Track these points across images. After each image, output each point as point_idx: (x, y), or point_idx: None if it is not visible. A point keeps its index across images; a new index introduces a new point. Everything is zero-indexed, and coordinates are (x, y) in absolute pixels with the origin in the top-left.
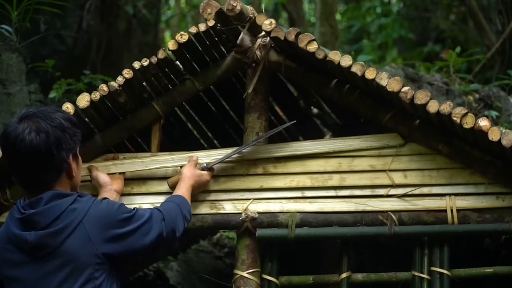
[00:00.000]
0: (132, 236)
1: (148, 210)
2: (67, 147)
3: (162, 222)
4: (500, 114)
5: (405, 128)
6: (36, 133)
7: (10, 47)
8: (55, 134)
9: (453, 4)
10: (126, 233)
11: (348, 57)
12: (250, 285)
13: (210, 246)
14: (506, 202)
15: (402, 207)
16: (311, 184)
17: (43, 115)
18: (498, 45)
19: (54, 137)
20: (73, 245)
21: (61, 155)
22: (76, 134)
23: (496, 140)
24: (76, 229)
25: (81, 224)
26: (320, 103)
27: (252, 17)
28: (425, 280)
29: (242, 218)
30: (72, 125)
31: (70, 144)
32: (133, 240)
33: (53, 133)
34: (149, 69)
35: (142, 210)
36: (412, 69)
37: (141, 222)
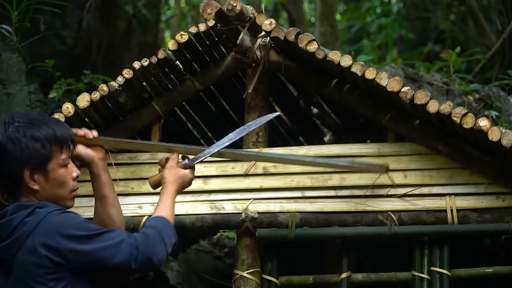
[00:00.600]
0: (92, 254)
1: (123, 235)
2: (17, 161)
3: (133, 252)
4: (500, 114)
5: (405, 128)
6: (4, 139)
7: (10, 47)
8: (7, 146)
9: (453, 4)
10: (83, 249)
11: (348, 57)
12: (250, 285)
13: (210, 246)
14: (506, 202)
15: (402, 207)
16: (311, 184)
17: (12, 124)
18: (498, 45)
19: (5, 149)
20: (23, 258)
21: (10, 166)
22: (37, 149)
23: (496, 140)
24: (25, 242)
25: (30, 237)
26: (320, 103)
27: (252, 17)
28: (425, 280)
29: (242, 218)
30: (34, 141)
31: (22, 158)
32: (92, 257)
33: (5, 145)
34: (149, 69)
35: (118, 233)
36: (412, 69)
37: (105, 245)
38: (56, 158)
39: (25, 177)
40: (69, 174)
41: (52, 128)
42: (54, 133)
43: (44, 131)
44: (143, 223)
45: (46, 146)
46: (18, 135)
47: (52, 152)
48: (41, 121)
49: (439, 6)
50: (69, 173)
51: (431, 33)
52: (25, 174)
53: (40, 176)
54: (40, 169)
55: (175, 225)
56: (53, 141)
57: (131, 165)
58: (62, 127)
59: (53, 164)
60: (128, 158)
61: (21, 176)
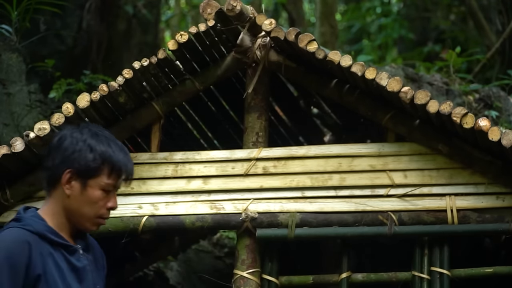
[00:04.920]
0: None
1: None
2: (64, 159)
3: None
4: (500, 114)
5: (405, 128)
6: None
7: (10, 47)
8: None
9: (453, 4)
10: None
11: (348, 57)
12: (250, 285)
13: (210, 246)
14: (506, 202)
15: (402, 207)
16: (311, 184)
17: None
18: (498, 45)
19: (63, 143)
20: None
21: (56, 161)
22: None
23: (496, 140)
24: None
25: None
26: (320, 103)
27: (252, 17)
28: (425, 280)
29: (242, 218)
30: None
31: (71, 158)
32: None
33: (65, 141)
34: (149, 69)
35: None
36: (412, 69)
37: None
38: (100, 178)
39: (63, 176)
40: (104, 200)
41: (112, 150)
42: (111, 155)
43: (103, 147)
44: (143, 223)
45: (97, 161)
46: (79, 138)
47: (99, 170)
48: (107, 139)
49: (439, 6)
50: (105, 200)
51: (431, 33)
52: (64, 174)
53: (78, 184)
54: (80, 178)
55: (175, 225)
56: (106, 161)
57: None
58: (124, 156)
59: (95, 182)
60: None
61: (60, 174)
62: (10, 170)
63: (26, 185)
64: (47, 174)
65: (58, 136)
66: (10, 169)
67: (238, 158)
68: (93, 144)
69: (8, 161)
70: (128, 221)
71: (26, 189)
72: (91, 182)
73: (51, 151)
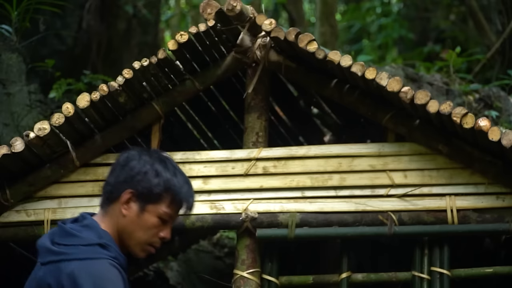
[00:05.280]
0: None
1: None
2: (129, 179)
3: None
4: (500, 114)
5: (405, 128)
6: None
7: (10, 47)
8: (132, 160)
9: (453, 4)
10: None
11: (348, 57)
12: (250, 285)
13: (210, 246)
14: (506, 202)
15: (402, 207)
16: (311, 184)
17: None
18: (498, 45)
19: (131, 162)
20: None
21: (120, 179)
22: (154, 187)
23: (496, 140)
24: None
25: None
26: (320, 103)
27: (252, 17)
28: (425, 280)
29: (242, 218)
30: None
31: (135, 179)
32: None
33: (131, 159)
34: (149, 69)
35: None
36: (412, 69)
37: None
38: (159, 205)
39: (123, 195)
40: (158, 228)
41: (177, 180)
42: (176, 185)
43: (169, 175)
44: None
45: (161, 187)
46: (147, 161)
47: (161, 197)
48: (174, 168)
49: (439, 6)
50: (160, 229)
51: (431, 33)
52: (125, 193)
53: (136, 206)
54: (140, 201)
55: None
56: (169, 190)
57: None
58: (188, 189)
59: (153, 208)
60: None
61: (121, 192)
62: (10, 170)
63: (26, 185)
64: (108, 190)
65: (125, 155)
66: (10, 169)
67: (238, 158)
68: (160, 170)
69: (8, 161)
70: None
71: (26, 189)
72: (150, 207)
73: (116, 168)
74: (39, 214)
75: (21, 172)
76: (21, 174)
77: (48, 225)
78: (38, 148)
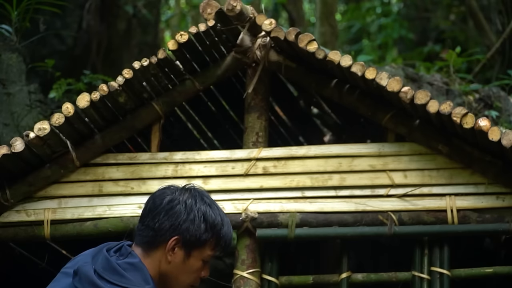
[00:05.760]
0: None
1: None
2: (175, 224)
3: None
4: (500, 114)
5: (405, 128)
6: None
7: (10, 47)
8: (178, 205)
9: (453, 4)
10: None
11: (348, 57)
12: (250, 285)
13: None
14: (506, 202)
15: (402, 207)
16: (311, 184)
17: (195, 192)
18: (498, 45)
19: (174, 206)
20: None
21: (165, 224)
22: (199, 230)
23: (496, 140)
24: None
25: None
26: (320, 103)
27: (252, 17)
28: (425, 280)
29: (242, 218)
30: (204, 221)
31: (183, 226)
32: None
33: (177, 204)
34: (149, 69)
35: None
36: (412, 69)
37: None
38: (205, 250)
39: (169, 243)
40: (201, 270)
41: (222, 223)
42: (221, 228)
43: (216, 219)
44: None
45: (208, 233)
46: (193, 205)
47: (207, 242)
48: (218, 209)
49: (439, 6)
50: (201, 270)
51: (431, 33)
52: (171, 241)
53: (181, 253)
54: (186, 247)
55: None
56: (215, 234)
57: (131, 165)
58: (229, 229)
59: (199, 253)
60: (128, 158)
61: (167, 240)
62: (10, 170)
63: (26, 185)
64: (150, 235)
65: (168, 198)
66: (10, 169)
67: (238, 158)
68: (207, 215)
69: (8, 161)
70: (128, 221)
71: (26, 189)
72: (196, 253)
73: (159, 212)
74: (39, 214)
75: (21, 172)
76: (21, 174)
77: (48, 225)
78: (38, 148)
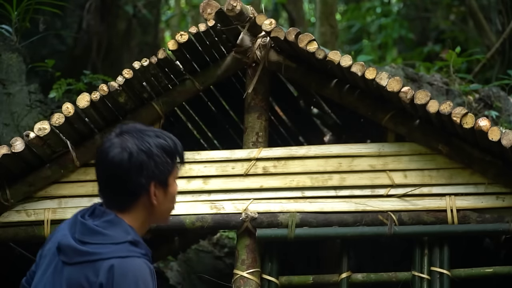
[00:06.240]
0: None
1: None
2: (148, 174)
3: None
4: (500, 114)
5: (405, 128)
6: (120, 150)
7: (10, 47)
8: (139, 157)
9: (453, 4)
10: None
11: (348, 57)
12: (250, 285)
13: (210, 246)
14: (506, 202)
15: (402, 207)
16: (311, 184)
17: (138, 135)
18: (498, 45)
19: (136, 160)
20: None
21: (140, 181)
22: (166, 163)
23: (496, 140)
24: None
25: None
26: (320, 103)
27: (252, 17)
28: (425, 280)
29: (242, 218)
30: (164, 153)
31: (154, 172)
32: None
33: (137, 156)
34: (149, 69)
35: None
36: (412, 69)
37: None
38: (175, 172)
39: (150, 193)
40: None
41: (172, 139)
42: (176, 145)
43: (169, 143)
44: None
45: (172, 158)
46: (149, 146)
47: (174, 165)
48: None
49: (439, 6)
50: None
51: (431, 33)
52: (151, 190)
53: (161, 190)
54: (163, 184)
55: (175, 225)
56: (175, 154)
57: None
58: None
59: (172, 179)
60: None
61: (147, 190)
62: (10, 170)
63: (26, 185)
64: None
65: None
66: (10, 169)
67: (238, 158)
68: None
69: (8, 161)
70: None
71: (26, 189)
72: (170, 180)
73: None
74: (39, 214)
75: (21, 172)
76: (21, 174)
77: (48, 225)
78: (38, 148)
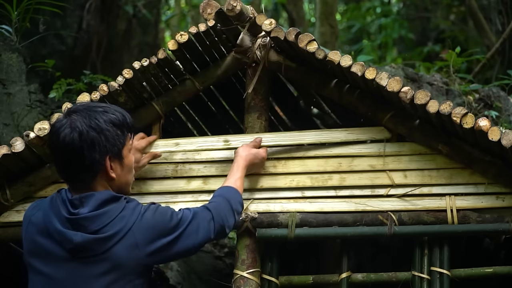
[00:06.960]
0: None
1: (193, 210)
2: (101, 149)
3: (210, 223)
4: (500, 114)
5: (405, 128)
6: (70, 130)
7: (10, 47)
8: (89, 135)
9: (453, 4)
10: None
11: (348, 57)
12: (250, 285)
13: (210, 246)
14: (506, 202)
15: (402, 207)
16: (311, 184)
17: (85, 113)
18: (498, 45)
19: (87, 138)
20: (121, 252)
21: (94, 156)
22: (117, 136)
23: (496, 140)
24: (125, 237)
25: (130, 232)
26: (320, 103)
27: (252, 17)
28: (425, 280)
29: (242, 218)
30: (114, 127)
31: (107, 146)
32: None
33: (87, 134)
34: (149, 69)
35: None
36: (412, 69)
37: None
38: (127, 144)
39: (106, 168)
40: (134, 161)
41: (120, 112)
42: (125, 117)
43: (118, 116)
44: None
45: (124, 131)
46: (98, 122)
47: (125, 137)
48: (108, 107)
49: (439, 6)
50: (134, 160)
51: (431, 33)
52: (106, 165)
53: (117, 163)
54: (117, 156)
55: None
56: (125, 125)
57: None
58: (123, 110)
59: (126, 150)
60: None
61: (103, 165)
62: (10, 170)
63: (26, 185)
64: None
65: (73, 135)
66: (10, 169)
67: None
68: (112, 119)
69: (8, 161)
70: None
71: (26, 189)
72: (125, 151)
73: (79, 152)
74: None
75: (21, 172)
76: (21, 174)
77: None
78: (38, 148)
